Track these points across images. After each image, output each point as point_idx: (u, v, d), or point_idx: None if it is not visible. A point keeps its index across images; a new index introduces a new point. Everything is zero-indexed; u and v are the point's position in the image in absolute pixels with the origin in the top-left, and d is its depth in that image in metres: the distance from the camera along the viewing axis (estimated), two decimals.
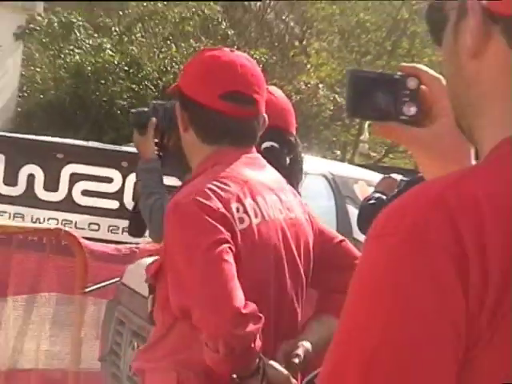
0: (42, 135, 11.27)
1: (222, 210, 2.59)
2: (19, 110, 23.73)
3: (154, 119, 3.44)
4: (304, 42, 23.80)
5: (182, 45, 21.17)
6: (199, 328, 2.37)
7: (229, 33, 22.34)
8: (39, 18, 23.32)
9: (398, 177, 6.56)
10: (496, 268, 1.21)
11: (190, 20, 22.17)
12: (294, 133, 3.40)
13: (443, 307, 1.21)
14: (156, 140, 3.51)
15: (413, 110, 1.56)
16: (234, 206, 2.63)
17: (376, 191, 6.15)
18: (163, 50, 21.59)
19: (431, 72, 1.61)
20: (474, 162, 1.61)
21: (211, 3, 22.65)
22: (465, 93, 1.41)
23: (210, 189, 2.64)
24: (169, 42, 21.77)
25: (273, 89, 3.39)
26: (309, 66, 21.20)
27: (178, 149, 2.95)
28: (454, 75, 1.43)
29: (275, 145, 3.26)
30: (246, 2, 24.17)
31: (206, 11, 22.42)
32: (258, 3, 24.74)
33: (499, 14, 1.32)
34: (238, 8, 25.16)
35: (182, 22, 21.98)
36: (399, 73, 1.60)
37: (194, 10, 22.28)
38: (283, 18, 23.98)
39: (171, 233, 2.63)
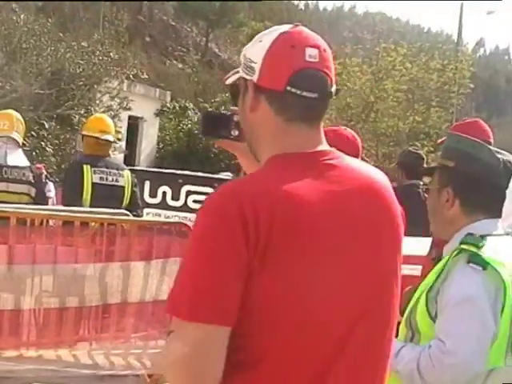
0: (170, 169, 13.70)
1: None
2: (157, 156, 28.45)
3: None
4: None
5: None
6: None
7: None
8: (168, 104, 28.99)
9: None
10: (263, 230, 1.72)
11: None
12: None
13: (233, 251, 1.72)
14: None
15: (236, 132, 2.09)
16: None
17: None
18: None
19: None
20: None
21: None
22: (249, 131, 1.96)
23: None
24: None
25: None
26: None
27: None
28: (244, 122, 1.98)
29: None
30: None
31: None
32: None
33: (262, 87, 1.87)
34: None
35: None
36: (229, 112, 2.12)
37: None
38: None
39: None
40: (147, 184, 10.85)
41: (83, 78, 20.80)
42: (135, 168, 12.85)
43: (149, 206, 10.43)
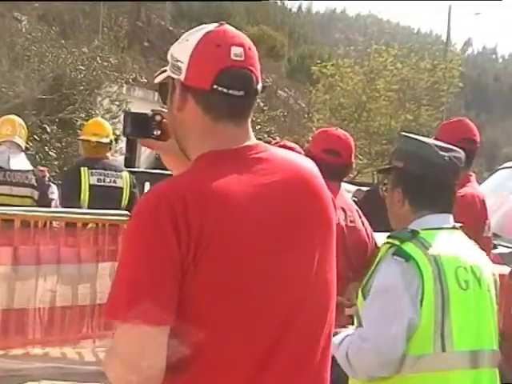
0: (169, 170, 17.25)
1: None
2: (156, 157, 25.35)
3: None
4: (310, 114, 29.20)
5: None
6: None
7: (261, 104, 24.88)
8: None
9: (364, 188, 8.98)
10: (194, 229, 1.72)
11: None
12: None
13: (166, 250, 1.72)
14: None
15: (158, 132, 2.10)
16: None
17: (353, 196, 7.84)
18: None
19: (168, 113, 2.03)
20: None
21: None
22: (177, 130, 1.95)
23: None
24: None
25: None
26: (314, 128, 22.92)
27: None
28: (171, 120, 1.98)
29: None
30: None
31: None
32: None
33: (189, 86, 1.86)
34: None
35: None
36: (151, 113, 2.10)
37: None
38: (298, 101, 31.98)
39: None
40: (147, 185, 10.87)
41: (84, 82, 20.71)
42: (135, 169, 12.75)
43: None
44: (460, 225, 2.93)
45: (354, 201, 5.14)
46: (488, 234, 4.17)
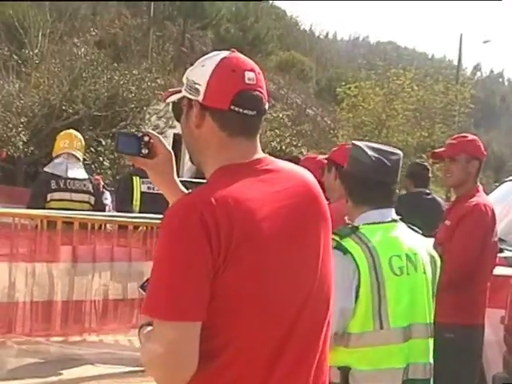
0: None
1: None
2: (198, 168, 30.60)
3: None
4: (335, 131, 29.42)
5: None
6: None
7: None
8: None
9: None
10: (223, 233, 1.72)
11: None
12: None
13: (199, 253, 1.72)
14: None
15: (145, 151, 2.10)
16: None
17: None
18: None
19: (156, 134, 2.12)
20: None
21: None
22: (193, 144, 1.96)
23: None
24: None
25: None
26: (338, 143, 21.54)
27: None
28: (187, 136, 1.96)
29: None
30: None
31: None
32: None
33: (208, 106, 1.88)
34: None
35: None
36: (141, 133, 2.12)
37: None
38: (325, 119, 32.05)
39: None
40: None
41: (134, 101, 20.95)
42: (180, 179, 12.65)
43: None
44: (400, 217, 2.94)
45: None
46: (495, 238, 4.14)
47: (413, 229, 2.97)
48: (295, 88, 39.76)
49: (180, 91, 1.98)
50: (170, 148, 2.15)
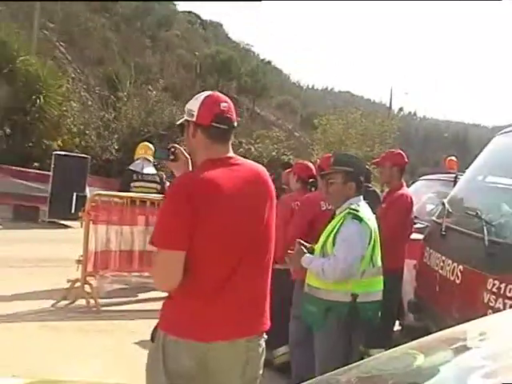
0: None
1: None
2: None
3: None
4: (312, 146, 26.52)
5: None
6: None
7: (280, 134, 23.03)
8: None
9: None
10: (197, 200, 1.76)
11: None
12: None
13: (183, 209, 1.73)
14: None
15: (172, 156, 2.04)
16: None
17: None
18: None
19: (178, 147, 2.04)
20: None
21: None
22: (191, 148, 1.93)
23: None
24: None
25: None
26: (314, 154, 22.39)
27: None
28: (188, 144, 1.94)
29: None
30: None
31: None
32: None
33: (198, 124, 1.88)
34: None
35: None
36: (170, 146, 2.06)
37: None
38: (306, 139, 31.02)
39: None
40: None
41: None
42: None
43: None
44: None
45: None
46: (412, 216, 4.16)
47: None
48: (287, 118, 39.23)
49: (183, 117, 1.99)
50: (187, 155, 2.12)
